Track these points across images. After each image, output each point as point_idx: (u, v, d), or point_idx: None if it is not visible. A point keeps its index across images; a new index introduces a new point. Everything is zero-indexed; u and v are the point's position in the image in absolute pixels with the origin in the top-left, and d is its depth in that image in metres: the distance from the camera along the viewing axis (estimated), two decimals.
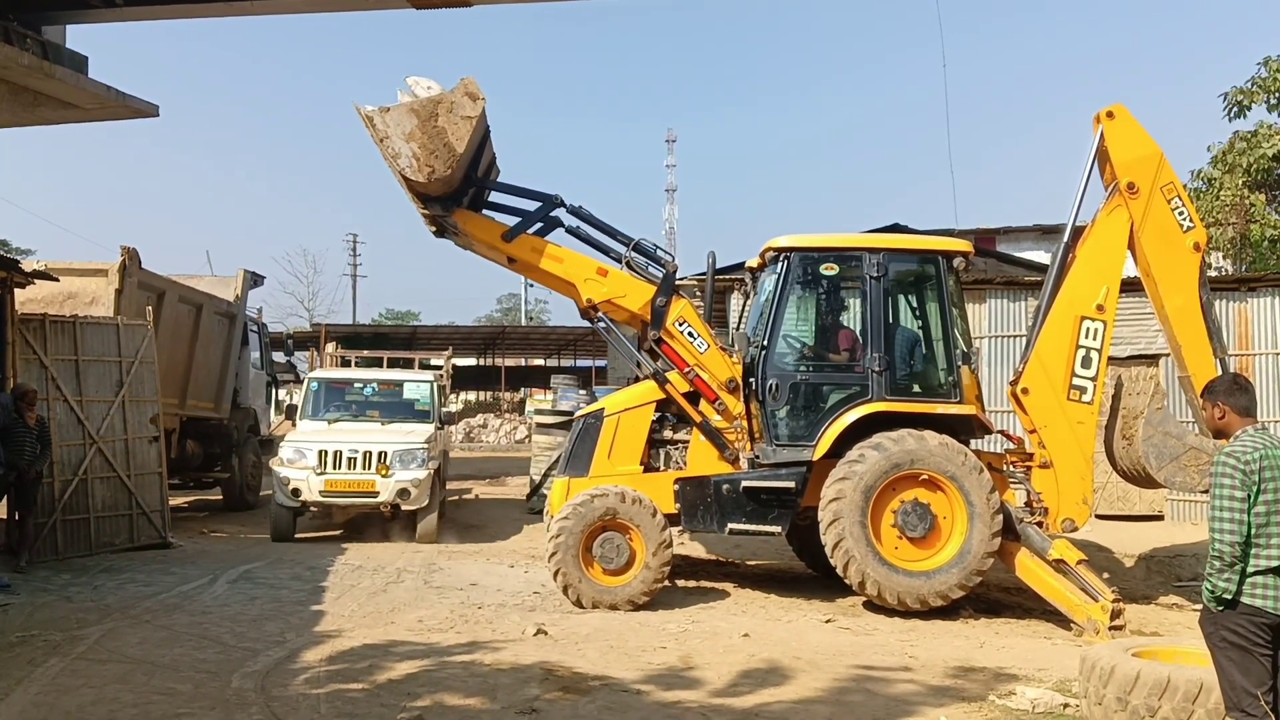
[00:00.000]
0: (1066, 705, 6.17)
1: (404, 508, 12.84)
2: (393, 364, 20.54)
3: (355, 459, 12.74)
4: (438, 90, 9.16)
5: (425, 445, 13.11)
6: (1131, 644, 6.18)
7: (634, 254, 9.93)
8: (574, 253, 9.97)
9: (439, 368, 20.47)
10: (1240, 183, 21.46)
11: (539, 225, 9.92)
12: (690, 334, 9.72)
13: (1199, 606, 9.47)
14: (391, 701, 6.11)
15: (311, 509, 13.39)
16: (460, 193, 9.80)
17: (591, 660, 7.19)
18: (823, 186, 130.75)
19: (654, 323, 9.73)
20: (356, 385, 15.21)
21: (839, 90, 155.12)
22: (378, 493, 12.67)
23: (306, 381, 15.11)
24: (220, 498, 16.84)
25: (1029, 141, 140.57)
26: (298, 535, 13.13)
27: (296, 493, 12.69)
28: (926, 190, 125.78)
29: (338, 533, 13.69)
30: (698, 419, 9.67)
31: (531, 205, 9.97)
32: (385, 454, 12.77)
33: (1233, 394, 4.71)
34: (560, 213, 9.94)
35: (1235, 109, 21.68)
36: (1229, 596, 4.43)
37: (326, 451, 12.74)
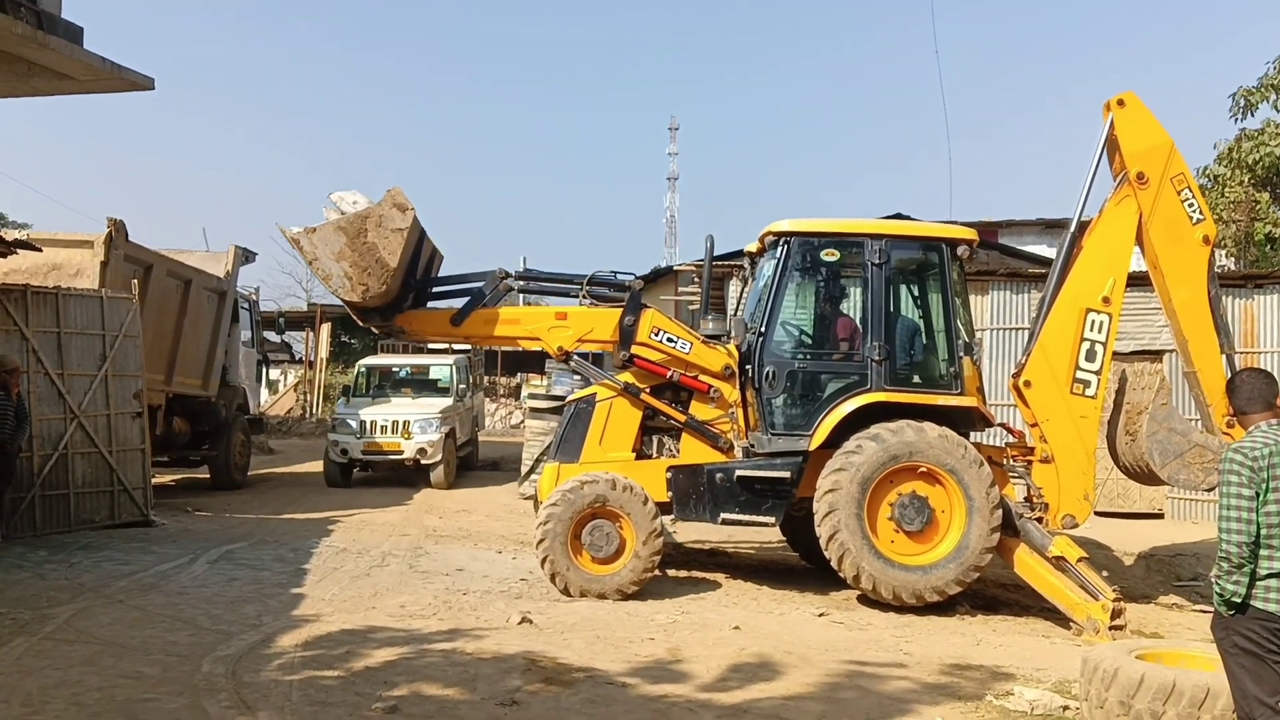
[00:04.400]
0: (1066, 708, 5.96)
1: (423, 462, 16.83)
2: (434, 350, 23.82)
3: (387, 426, 16.82)
4: (364, 204, 8.93)
5: (439, 415, 17.15)
6: (1134, 645, 5.96)
7: (591, 287, 9.78)
8: (528, 308, 9.90)
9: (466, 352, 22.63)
10: (1246, 180, 21.28)
11: (485, 301, 9.73)
12: (669, 339, 9.50)
13: (1199, 607, 9.35)
14: (366, 690, 5.90)
15: (356, 464, 17.18)
16: (400, 299, 9.56)
17: (577, 651, 6.99)
18: (825, 178, 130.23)
19: (623, 343, 9.52)
20: (394, 369, 19.72)
21: (846, 80, 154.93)
22: (402, 451, 16.77)
23: (358, 366, 19.88)
24: (208, 476, 16.67)
25: (1034, 134, 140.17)
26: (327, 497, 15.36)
27: (345, 452, 16.81)
28: (927, 184, 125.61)
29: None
30: (682, 419, 9.48)
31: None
32: (408, 422, 16.85)
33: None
34: (508, 280, 9.80)
35: (1243, 108, 21.49)
36: (1238, 600, 4.20)
37: (366, 421, 16.89)
